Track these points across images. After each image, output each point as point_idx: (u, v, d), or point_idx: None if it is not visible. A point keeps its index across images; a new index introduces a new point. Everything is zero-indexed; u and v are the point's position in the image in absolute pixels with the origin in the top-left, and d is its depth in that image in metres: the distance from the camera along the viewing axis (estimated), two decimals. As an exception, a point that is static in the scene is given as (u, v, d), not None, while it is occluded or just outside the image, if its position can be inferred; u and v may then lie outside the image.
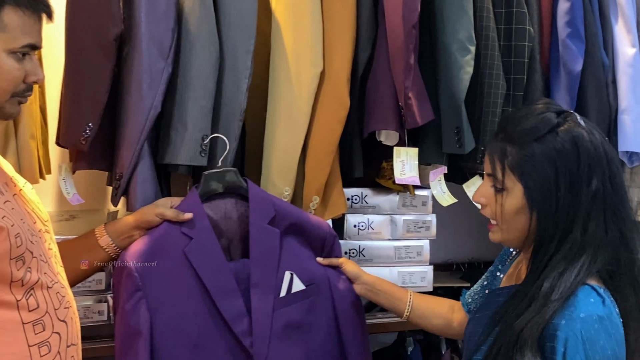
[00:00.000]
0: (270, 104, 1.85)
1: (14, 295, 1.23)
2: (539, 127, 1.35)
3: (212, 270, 1.59)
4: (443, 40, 1.89)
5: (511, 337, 1.30)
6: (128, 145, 1.66)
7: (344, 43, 1.84)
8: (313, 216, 1.79)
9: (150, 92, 1.66)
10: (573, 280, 1.30)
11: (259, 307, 1.60)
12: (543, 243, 1.36)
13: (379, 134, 1.95)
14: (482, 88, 1.94)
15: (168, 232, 1.59)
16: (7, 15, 1.23)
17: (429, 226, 2.20)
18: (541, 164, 1.34)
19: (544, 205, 1.35)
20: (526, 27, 1.94)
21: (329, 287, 1.72)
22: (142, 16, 1.65)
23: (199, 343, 1.57)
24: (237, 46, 1.75)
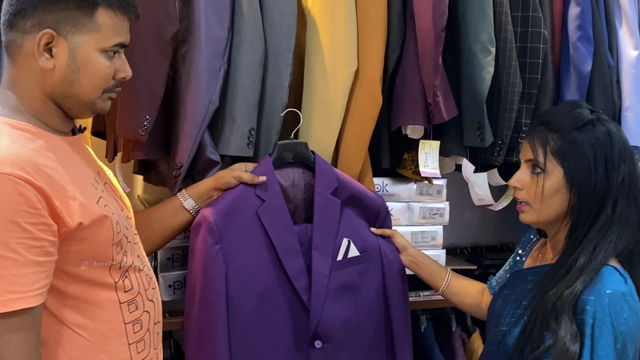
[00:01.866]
0: (306, 100, 1.96)
1: (112, 277, 1.33)
2: (578, 118, 1.56)
3: (280, 230, 1.75)
4: (466, 42, 2.01)
5: (547, 306, 1.47)
6: (189, 137, 1.75)
7: (376, 43, 1.95)
8: (370, 191, 1.94)
9: (209, 88, 1.76)
10: (604, 255, 1.49)
11: (318, 267, 1.77)
12: (580, 218, 1.54)
13: (405, 127, 2.07)
14: (500, 86, 2.07)
15: (243, 193, 1.75)
16: (101, 16, 1.29)
17: (443, 213, 2.33)
18: (582, 149, 1.54)
19: (583, 184, 1.53)
20: (541, 30, 2.07)
21: (380, 255, 1.88)
22: (201, 17, 1.74)
23: (264, 294, 1.74)
24: (279, 45, 1.85)
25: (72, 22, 1.27)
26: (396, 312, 1.89)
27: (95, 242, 1.29)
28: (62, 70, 1.29)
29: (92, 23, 1.29)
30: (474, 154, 2.14)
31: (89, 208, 1.28)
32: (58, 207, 1.22)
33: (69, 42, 1.28)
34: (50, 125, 1.32)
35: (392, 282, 1.89)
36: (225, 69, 1.79)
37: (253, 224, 1.74)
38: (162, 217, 1.73)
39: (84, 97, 1.33)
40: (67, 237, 1.24)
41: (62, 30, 1.27)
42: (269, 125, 1.87)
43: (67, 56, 1.28)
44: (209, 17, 1.75)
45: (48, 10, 1.25)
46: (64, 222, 1.23)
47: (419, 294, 2.35)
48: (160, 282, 1.93)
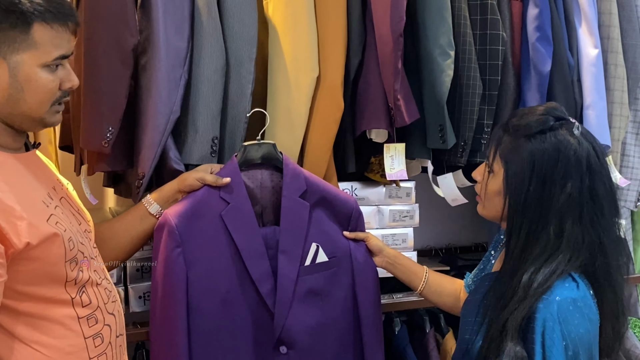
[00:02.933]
0: (270, 107, 1.97)
1: (68, 293, 1.32)
2: (532, 125, 1.49)
3: (245, 233, 1.73)
4: (426, 46, 2.03)
5: (497, 328, 1.44)
6: (150, 147, 1.76)
7: (337, 49, 1.97)
8: (342, 192, 1.92)
9: (170, 97, 1.77)
10: (550, 277, 1.42)
11: (284, 271, 1.74)
12: (513, 230, 1.49)
13: (369, 132, 2.09)
14: (461, 89, 2.09)
15: (207, 195, 1.72)
16: (37, 32, 1.25)
17: (413, 215, 2.35)
18: (522, 158, 1.48)
19: (514, 195, 1.49)
20: (499, 33, 2.09)
21: (351, 260, 1.85)
22: (160, 27, 1.75)
23: (227, 299, 1.72)
24: (240, 54, 1.87)
25: (9, 42, 1.24)
26: (366, 319, 1.86)
27: (46, 261, 1.28)
28: (5, 90, 1.27)
29: (29, 40, 1.25)
30: (439, 155, 2.16)
31: (37, 227, 1.26)
32: (4, 228, 1.20)
33: (8, 63, 1.25)
34: (3, 145, 1.30)
35: (363, 288, 1.86)
36: (186, 78, 1.80)
37: (217, 227, 1.72)
38: (128, 225, 1.72)
39: (32, 113, 1.32)
40: (16, 257, 1.23)
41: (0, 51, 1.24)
42: (233, 134, 1.89)
43: (8, 76, 1.26)
44: (168, 27, 1.76)
45: None
46: (11, 242, 1.21)
47: (392, 296, 2.37)
48: (131, 294, 1.94)
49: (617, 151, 2.34)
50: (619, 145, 2.35)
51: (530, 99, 2.16)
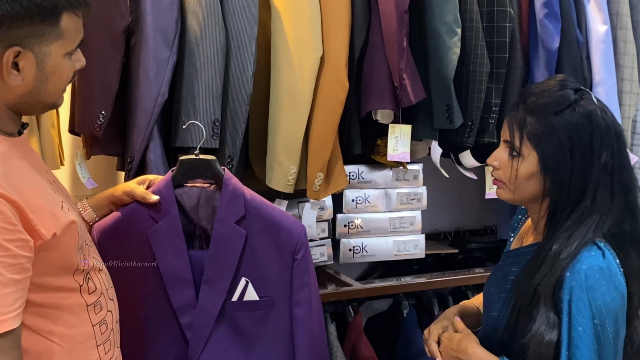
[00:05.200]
0: (273, 88, 1.87)
1: (77, 281, 1.24)
2: (559, 101, 1.40)
3: (170, 257, 1.49)
4: (431, 24, 1.92)
5: (527, 295, 1.38)
6: (138, 130, 1.67)
7: (341, 29, 1.86)
8: (289, 219, 1.56)
9: (157, 79, 1.67)
10: (580, 242, 1.37)
11: (205, 304, 1.50)
12: (557, 208, 1.42)
13: (375, 113, 1.97)
14: (468, 67, 1.98)
15: (136, 211, 1.50)
16: (65, 21, 1.18)
17: (420, 198, 2.27)
18: (558, 136, 1.39)
19: (558, 173, 1.40)
20: (507, 9, 1.98)
21: (289, 306, 1.53)
22: (147, 8, 1.66)
23: (145, 324, 1.51)
24: (241, 34, 1.77)
25: (38, 35, 1.15)
26: None
27: (62, 250, 1.20)
28: (30, 83, 1.18)
29: (58, 31, 1.17)
30: (446, 136, 2.05)
31: (57, 216, 1.18)
32: (33, 220, 1.12)
33: (35, 55, 1.16)
34: (4, 130, 1.21)
35: (304, 344, 1.53)
36: (175, 60, 1.70)
37: (142, 247, 1.49)
38: None
39: (49, 100, 1.25)
40: (40, 249, 1.15)
41: (28, 44, 1.15)
42: (235, 116, 1.78)
43: (34, 69, 1.17)
44: (155, 8, 1.68)
45: (12, 27, 1.13)
46: (40, 234, 1.14)
47: (400, 278, 2.29)
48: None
49: (628, 129, 2.23)
50: (629, 123, 2.24)
51: (538, 77, 2.04)
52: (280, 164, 1.88)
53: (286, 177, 1.88)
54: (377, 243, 2.22)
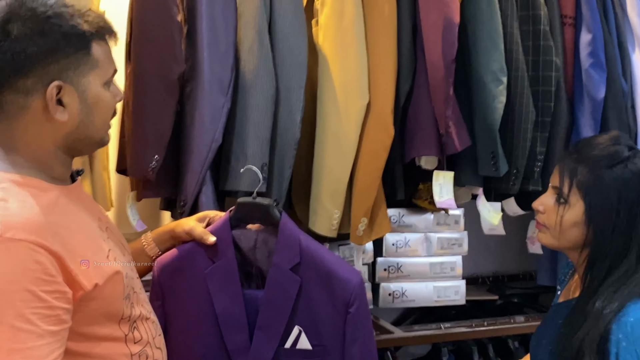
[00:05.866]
0: (318, 133, 1.88)
1: (122, 330, 1.22)
2: (612, 156, 1.43)
3: (226, 299, 1.49)
4: (477, 72, 1.92)
5: (571, 351, 1.36)
6: (192, 174, 1.69)
7: (387, 76, 1.87)
8: (344, 267, 1.53)
9: (212, 125, 1.69)
10: (625, 297, 1.36)
11: (258, 349, 1.48)
12: (597, 260, 1.41)
13: (419, 158, 1.97)
14: (514, 115, 1.96)
15: (195, 250, 1.51)
16: (95, 50, 1.18)
17: (461, 243, 2.25)
18: (607, 189, 1.41)
19: (602, 226, 1.42)
20: (552, 59, 1.97)
21: (342, 356, 1.48)
22: (204, 56, 1.68)
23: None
24: (290, 81, 1.78)
25: (74, 66, 1.15)
26: None
27: (107, 300, 1.18)
28: (76, 117, 1.17)
29: (91, 61, 1.17)
30: (490, 183, 2.03)
31: (102, 266, 1.17)
32: (73, 271, 1.11)
33: (76, 87, 1.16)
34: (54, 176, 1.20)
35: None
36: (229, 106, 1.72)
37: (200, 286, 1.49)
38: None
39: (96, 135, 1.23)
40: (82, 300, 1.13)
41: (67, 78, 1.15)
42: (282, 160, 1.79)
43: (78, 101, 1.17)
44: (212, 56, 1.70)
45: (48, 62, 1.13)
46: (81, 285, 1.12)
47: (440, 325, 2.26)
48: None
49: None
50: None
51: (584, 126, 2.03)
52: (324, 208, 1.88)
53: (330, 221, 1.88)
54: (417, 288, 2.21)
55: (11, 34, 1.11)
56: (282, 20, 1.81)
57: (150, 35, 1.68)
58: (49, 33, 1.12)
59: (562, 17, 2.07)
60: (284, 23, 1.81)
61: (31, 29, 1.11)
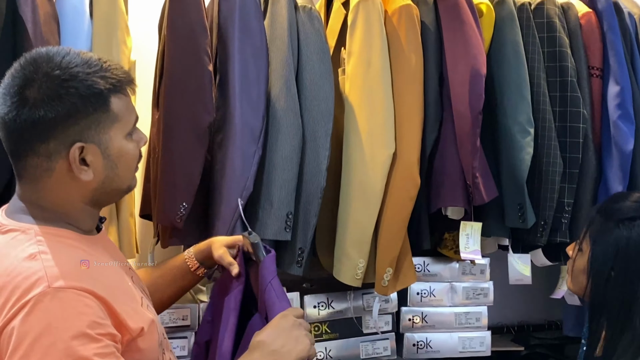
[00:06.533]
0: (344, 181, 1.87)
1: None
2: (624, 211, 1.42)
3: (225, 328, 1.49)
4: (504, 123, 1.91)
5: None
6: (223, 223, 1.68)
7: (414, 125, 1.86)
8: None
9: (244, 174, 1.69)
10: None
11: None
12: (594, 312, 1.40)
13: (445, 208, 1.95)
14: (541, 166, 1.95)
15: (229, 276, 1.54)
16: (114, 104, 1.17)
17: (487, 293, 2.20)
18: (608, 242, 1.41)
19: (597, 277, 1.41)
20: (580, 110, 1.96)
21: None
22: (236, 105, 1.69)
23: None
24: (317, 130, 1.79)
25: (94, 125, 1.14)
26: None
27: (148, 349, 1.18)
28: (101, 173, 1.17)
29: (111, 116, 1.16)
30: (517, 233, 2.01)
31: (140, 312, 1.17)
32: (120, 315, 1.11)
33: (98, 145, 1.16)
34: (83, 228, 1.21)
35: None
36: (260, 154, 1.72)
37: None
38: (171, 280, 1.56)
39: (123, 185, 1.23)
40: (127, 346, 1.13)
41: (88, 137, 1.14)
42: (307, 209, 1.78)
43: (101, 158, 1.16)
44: (244, 106, 1.70)
45: (68, 125, 1.12)
46: (128, 328, 1.12)
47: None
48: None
49: None
50: None
51: (612, 178, 2.00)
52: (348, 257, 1.86)
53: (354, 270, 1.86)
54: (442, 339, 2.16)
55: (29, 101, 1.10)
56: (309, 69, 1.82)
57: (181, 84, 1.69)
58: (66, 97, 1.11)
59: (590, 69, 2.06)
60: (311, 72, 1.82)
61: (48, 94, 1.10)
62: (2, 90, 1.13)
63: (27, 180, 1.17)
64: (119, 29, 1.70)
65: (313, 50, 1.82)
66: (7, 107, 1.11)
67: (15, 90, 1.11)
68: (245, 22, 1.72)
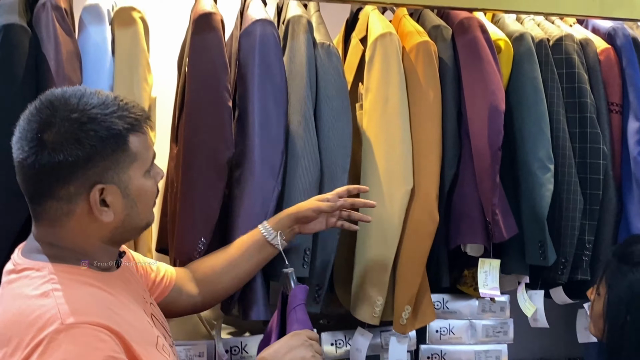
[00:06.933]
0: (362, 217, 1.87)
1: None
2: (637, 254, 1.41)
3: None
4: (524, 159, 1.89)
5: None
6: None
7: (432, 161, 1.85)
8: None
9: (263, 209, 1.68)
10: None
11: None
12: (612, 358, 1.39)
13: (464, 245, 1.93)
14: (561, 203, 1.92)
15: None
16: (133, 144, 1.17)
17: (507, 330, 2.16)
18: (622, 287, 1.40)
19: (612, 322, 1.40)
20: (600, 146, 1.94)
21: None
22: (256, 141, 1.69)
23: None
24: (334, 165, 1.77)
25: (114, 165, 1.15)
26: None
27: None
28: (121, 213, 1.17)
29: (130, 155, 1.17)
30: (537, 271, 1.98)
31: (152, 354, 1.16)
32: (136, 350, 1.10)
33: (118, 185, 1.16)
34: (101, 266, 1.20)
35: None
36: (279, 190, 1.71)
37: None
38: (248, 255, 1.63)
39: (142, 222, 1.23)
40: None
41: (108, 179, 1.14)
42: (325, 245, 1.76)
43: (121, 198, 1.16)
44: (264, 142, 1.70)
45: (88, 168, 1.12)
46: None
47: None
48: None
49: None
50: None
51: (633, 215, 1.97)
52: (366, 295, 1.84)
53: (372, 308, 1.83)
54: (462, 377, 2.12)
55: (48, 145, 1.10)
56: (327, 104, 1.81)
57: (201, 119, 1.69)
58: (86, 140, 1.11)
59: (609, 105, 2.04)
60: (329, 107, 1.81)
61: (67, 138, 1.10)
62: (19, 134, 1.13)
63: (45, 222, 1.16)
64: (141, 65, 1.70)
65: (331, 87, 1.82)
66: (26, 152, 1.10)
67: (32, 134, 1.10)
68: (265, 59, 1.72)
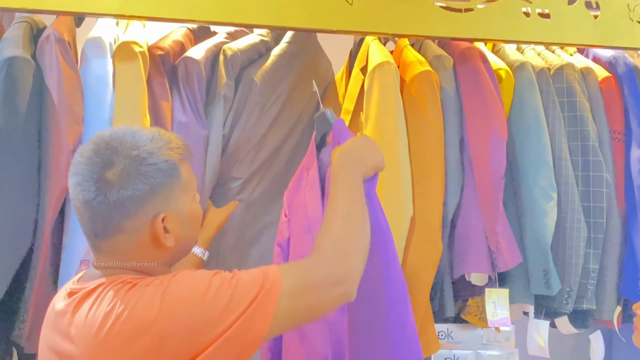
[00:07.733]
0: (364, 247, 1.86)
1: None
2: None
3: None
4: (526, 187, 1.88)
5: None
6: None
7: (434, 189, 1.83)
8: None
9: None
10: None
11: None
12: None
13: (469, 274, 1.91)
14: (565, 232, 1.90)
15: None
16: (183, 172, 1.24)
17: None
18: None
19: None
20: (603, 175, 1.92)
21: None
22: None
23: None
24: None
25: (172, 194, 1.22)
26: None
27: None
28: (180, 237, 1.24)
29: (182, 183, 1.24)
30: (542, 300, 1.95)
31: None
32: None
33: (175, 212, 1.23)
34: None
35: None
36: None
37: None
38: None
39: (192, 242, 1.32)
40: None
41: (168, 206, 1.22)
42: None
43: (179, 223, 1.23)
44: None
45: (152, 199, 1.19)
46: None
47: None
48: None
49: None
50: None
51: (638, 242, 1.94)
52: (370, 325, 1.81)
53: (377, 339, 1.81)
54: (467, 408, 2.08)
55: (114, 183, 1.16)
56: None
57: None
58: (149, 174, 1.18)
59: (612, 133, 2.03)
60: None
61: (131, 174, 1.17)
62: (80, 177, 1.18)
63: (110, 255, 1.22)
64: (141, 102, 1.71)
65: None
66: (93, 192, 1.17)
67: (96, 175, 1.17)
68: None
